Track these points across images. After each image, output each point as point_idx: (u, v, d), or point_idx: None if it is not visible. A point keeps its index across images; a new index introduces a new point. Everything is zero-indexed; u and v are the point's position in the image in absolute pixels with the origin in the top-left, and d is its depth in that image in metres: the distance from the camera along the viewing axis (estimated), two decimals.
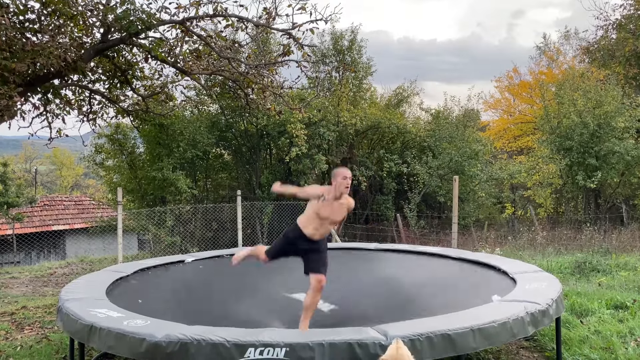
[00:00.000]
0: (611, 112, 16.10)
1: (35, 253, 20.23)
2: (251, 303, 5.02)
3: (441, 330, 3.51)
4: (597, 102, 16.51)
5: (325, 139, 16.19)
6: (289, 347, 3.28)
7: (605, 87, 17.35)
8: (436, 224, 18.03)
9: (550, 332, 5.18)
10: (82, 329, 3.88)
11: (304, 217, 4.62)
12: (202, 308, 4.86)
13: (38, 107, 8.68)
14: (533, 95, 24.00)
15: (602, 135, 16.12)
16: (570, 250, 11.81)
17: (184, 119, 15.88)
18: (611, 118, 16.05)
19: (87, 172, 37.30)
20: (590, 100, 16.61)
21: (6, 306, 8.09)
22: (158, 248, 14.42)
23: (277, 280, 5.78)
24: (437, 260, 6.62)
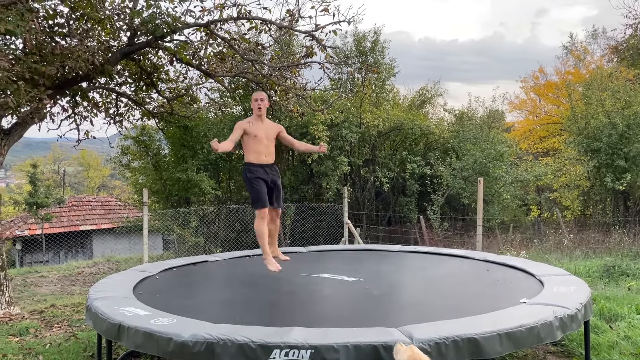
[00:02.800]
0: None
1: (64, 252, 20.66)
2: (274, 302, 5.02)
3: (467, 334, 3.46)
4: (626, 102, 16.16)
5: (347, 140, 16.18)
6: (314, 349, 3.28)
7: (635, 86, 16.98)
8: (460, 226, 17.85)
9: (579, 337, 5.08)
10: (111, 328, 3.94)
11: (249, 154, 5.27)
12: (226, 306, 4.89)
13: (67, 109, 8.87)
14: (559, 95, 23.60)
15: (632, 136, 15.76)
16: (598, 254, 11.57)
17: (208, 120, 16.06)
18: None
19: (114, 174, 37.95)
20: (619, 101, 16.26)
21: (35, 304, 8.28)
22: (182, 248, 14.60)
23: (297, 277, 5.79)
24: (462, 262, 6.55)
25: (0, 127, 7.52)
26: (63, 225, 21.05)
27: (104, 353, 4.44)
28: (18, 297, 9.22)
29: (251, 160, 5.24)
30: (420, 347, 3.35)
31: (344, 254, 7.65)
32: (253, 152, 5.22)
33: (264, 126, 5.30)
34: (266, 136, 5.24)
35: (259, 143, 5.18)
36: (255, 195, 5.16)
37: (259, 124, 5.26)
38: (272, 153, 5.34)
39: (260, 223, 5.14)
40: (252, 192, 5.18)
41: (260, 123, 5.28)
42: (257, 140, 5.17)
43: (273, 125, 5.44)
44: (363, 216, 17.72)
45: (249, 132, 5.17)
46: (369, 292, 5.08)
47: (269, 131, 5.31)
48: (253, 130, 5.17)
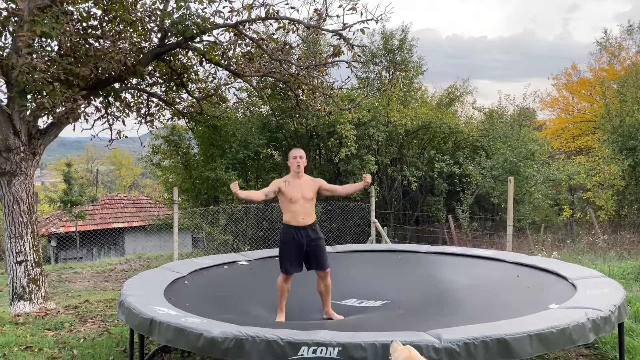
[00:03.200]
0: None
1: (97, 249, 21.17)
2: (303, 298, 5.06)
3: (497, 334, 3.43)
4: None
5: (374, 139, 16.11)
6: (341, 347, 3.30)
7: None
8: (489, 226, 17.60)
9: (612, 340, 4.96)
10: (143, 322, 4.03)
11: (285, 214, 5.02)
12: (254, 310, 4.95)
13: (100, 109, 9.07)
14: (593, 92, 23.03)
15: None
16: (633, 255, 11.25)
17: (236, 120, 16.21)
18: None
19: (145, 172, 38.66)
20: None
21: (70, 300, 8.51)
22: (211, 246, 14.78)
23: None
24: (492, 263, 6.46)
25: (36, 127, 7.75)
26: (96, 223, 21.57)
27: (136, 348, 4.55)
28: (53, 292, 9.49)
29: (287, 220, 4.99)
30: (448, 347, 3.33)
31: (371, 255, 7.60)
32: (288, 211, 4.97)
33: (301, 185, 5.01)
34: (302, 196, 4.96)
35: (294, 204, 4.94)
36: (281, 259, 5.00)
37: (296, 183, 5.00)
38: (311, 213, 5.03)
39: (281, 281, 4.95)
40: (280, 254, 5.02)
41: (297, 181, 5.02)
42: (292, 202, 4.94)
43: (311, 182, 5.11)
44: (390, 215, 17.64)
45: (284, 192, 4.96)
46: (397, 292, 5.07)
47: (306, 190, 5.00)
48: (289, 191, 4.94)
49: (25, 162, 7.48)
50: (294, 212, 4.93)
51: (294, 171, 5.04)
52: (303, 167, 5.08)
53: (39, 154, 7.88)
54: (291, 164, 5.06)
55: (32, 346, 5.65)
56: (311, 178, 5.15)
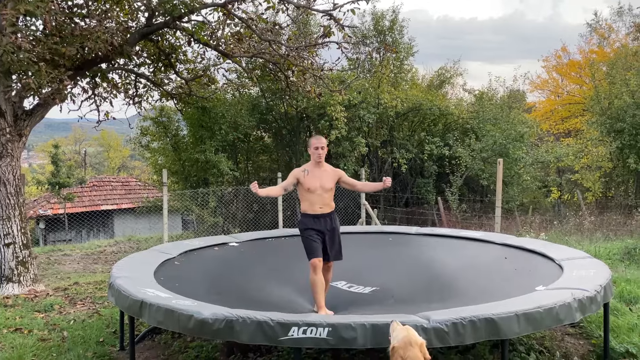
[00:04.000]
0: None
1: (86, 231, 21.08)
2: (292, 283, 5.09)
3: (484, 314, 3.47)
4: None
5: (365, 121, 16.08)
6: (331, 327, 3.32)
7: None
8: (478, 208, 17.74)
9: (597, 319, 5.06)
10: (133, 304, 4.03)
11: (303, 203, 4.92)
12: (245, 292, 4.96)
13: (87, 90, 8.97)
14: (582, 75, 23.11)
15: None
16: (619, 236, 11.42)
17: (226, 102, 16.07)
18: None
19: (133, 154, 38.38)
20: None
21: (59, 282, 8.49)
22: (201, 228, 14.77)
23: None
24: (480, 245, 6.52)
25: (22, 108, 7.64)
26: (85, 205, 21.43)
27: (127, 329, 4.56)
28: (42, 274, 9.45)
29: (305, 210, 4.89)
30: (437, 327, 3.37)
31: (361, 237, 7.63)
32: (307, 201, 4.87)
33: (321, 175, 4.86)
34: (321, 186, 4.82)
35: (312, 194, 4.82)
36: (306, 246, 4.82)
37: (315, 173, 4.85)
38: (329, 203, 4.91)
39: (313, 274, 4.70)
40: (304, 243, 4.85)
41: (317, 171, 4.86)
42: (310, 192, 4.81)
43: (332, 173, 4.95)
44: (380, 197, 17.69)
45: (302, 182, 4.83)
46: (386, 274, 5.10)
47: (325, 181, 4.85)
48: (307, 181, 4.81)
49: (12, 144, 7.38)
50: (311, 202, 4.83)
51: (315, 161, 4.87)
52: (324, 156, 4.91)
53: (25, 135, 7.78)
54: (312, 154, 4.88)
55: (21, 328, 5.65)
56: (332, 168, 5.00)
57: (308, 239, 4.79)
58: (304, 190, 4.85)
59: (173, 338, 5.26)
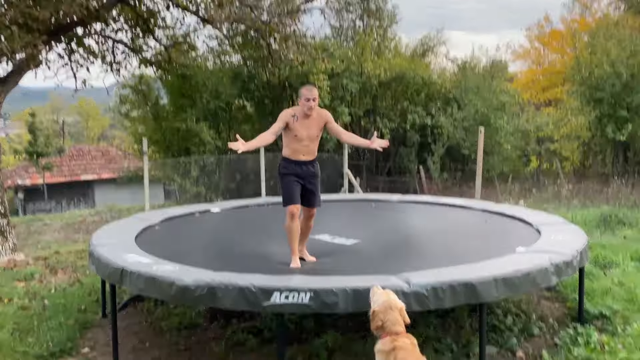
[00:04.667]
0: None
1: (66, 201, 20.83)
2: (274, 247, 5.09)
3: (463, 279, 3.53)
4: (631, 51, 15.84)
5: (348, 90, 15.97)
6: (313, 292, 3.35)
7: None
8: (459, 177, 17.89)
9: (573, 283, 5.19)
10: (114, 273, 4.02)
11: (286, 149, 4.73)
12: (227, 255, 4.97)
13: (62, 56, 8.75)
14: (564, 44, 23.14)
15: (635, 86, 15.55)
16: (596, 204, 11.65)
17: (207, 70, 15.79)
18: None
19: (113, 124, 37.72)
20: (625, 50, 15.94)
21: (40, 251, 8.42)
22: (183, 198, 14.70)
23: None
24: (460, 211, 6.60)
25: None
26: (64, 175, 21.14)
27: (109, 297, 4.55)
28: (22, 244, 9.36)
29: (287, 155, 4.73)
30: (417, 291, 3.43)
31: (344, 204, 7.69)
32: (290, 148, 4.70)
33: (309, 124, 4.65)
34: (308, 136, 4.65)
35: (298, 142, 4.64)
36: (284, 191, 4.70)
37: (304, 122, 4.64)
38: (313, 152, 4.75)
39: (290, 220, 4.62)
40: (282, 188, 4.72)
41: (306, 120, 4.64)
42: (297, 140, 4.64)
43: (319, 119, 4.72)
44: (363, 167, 17.73)
45: (290, 127, 4.62)
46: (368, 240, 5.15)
47: (313, 129, 4.67)
48: (295, 127, 4.61)
49: None
50: (295, 150, 4.67)
51: (305, 112, 4.64)
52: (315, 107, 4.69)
53: (0, 103, 7.58)
54: (303, 105, 4.63)
55: (1, 297, 5.61)
56: (318, 113, 4.74)
57: (287, 184, 4.68)
58: (290, 135, 4.66)
59: (156, 305, 5.28)
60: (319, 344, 4.13)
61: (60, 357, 4.21)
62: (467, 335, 4.21)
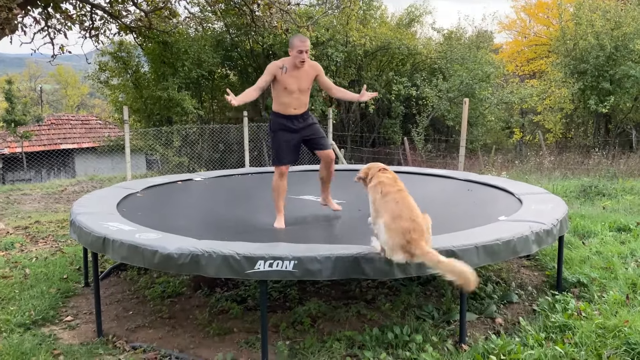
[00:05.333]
0: (630, 34, 15.55)
1: (46, 171, 20.52)
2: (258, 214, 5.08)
3: (445, 247, 3.56)
4: (616, 23, 15.91)
5: (333, 60, 15.81)
6: (297, 260, 3.36)
7: (626, 7, 16.63)
8: (443, 148, 18.00)
9: (552, 252, 5.29)
10: (96, 241, 3.97)
11: (276, 103, 4.58)
12: (211, 221, 4.94)
13: (39, 21, 8.47)
14: (550, 15, 23.10)
15: (619, 58, 15.67)
16: (577, 175, 11.83)
17: (188, 36, 15.49)
18: (629, 40, 15.53)
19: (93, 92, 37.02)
20: (609, 21, 15.99)
21: (20, 221, 8.31)
22: (166, 168, 14.57)
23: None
24: (443, 181, 6.64)
25: None
26: (43, 144, 20.76)
27: (91, 266, 4.52)
28: (1, 214, 9.23)
29: (277, 110, 4.56)
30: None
31: None
32: (280, 103, 4.52)
33: (299, 75, 4.49)
34: (299, 88, 4.50)
35: (288, 95, 4.48)
36: (274, 150, 4.58)
37: (294, 73, 4.47)
38: (305, 104, 4.60)
39: (277, 179, 4.56)
40: (273, 146, 4.59)
41: (296, 71, 4.48)
42: (287, 92, 4.47)
43: (310, 71, 4.58)
44: (347, 138, 17.72)
45: (279, 80, 4.44)
46: (351, 210, 5.15)
47: (303, 81, 4.52)
48: (284, 79, 4.44)
49: None
50: (286, 104, 4.51)
51: (295, 64, 4.46)
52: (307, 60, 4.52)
53: None
54: (294, 57, 4.44)
55: None
56: (310, 64, 4.58)
57: (278, 142, 4.56)
58: (280, 88, 4.49)
59: (139, 274, 5.27)
60: (302, 312, 4.17)
61: (43, 326, 4.19)
62: (448, 303, 4.27)
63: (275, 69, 4.47)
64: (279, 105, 4.56)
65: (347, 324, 4.00)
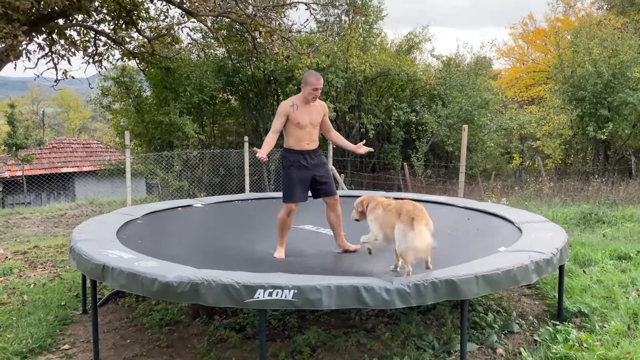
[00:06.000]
0: (627, 62, 15.73)
1: (46, 194, 20.51)
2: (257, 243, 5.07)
3: (445, 276, 3.56)
4: (613, 51, 16.11)
5: (333, 85, 15.96)
6: (297, 289, 3.34)
7: (623, 35, 16.87)
8: (443, 174, 18.04)
9: (553, 280, 5.26)
10: (95, 268, 3.96)
11: (290, 139, 4.67)
12: (211, 250, 4.93)
13: (43, 47, 8.58)
14: (548, 43, 23.40)
15: (616, 85, 15.81)
16: (576, 202, 11.82)
17: (190, 62, 15.67)
18: (626, 68, 15.70)
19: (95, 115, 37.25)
20: (606, 49, 16.20)
21: (19, 245, 8.28)
22: (166, 192, 14.58)
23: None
24: (443, 208, 6.64)
25: None
26: (44, 167, 20.79)
27: (89, 293, 4.49)
28: (0, 238, 9.20)
29: (290, 146, 4.65)
30: (400, 288, 3.44)
31: None
32: (293, 137, 4.62)
33: (310, 110, 4.62)
34: (310, 122, 4.62)
35: (301, 129, 4.58)
36: (286, 187, 4.63)
37: (305, 108, 4.60)
38: (316, 140, 4.72)
39: (285, 216, 4.63)
40: (285, 182, 4.64)
41: (307, 106, 4.61)
42: (300, 127, 4.57)
43: (320, 108, 4.72)
44: (347, 162, 17.77)
45: (291, 117, 4.56)
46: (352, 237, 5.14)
47: (314, 116, 4.64)
48: (297, 116, 4.55)
49: None
50: (299, 138, 4.60)
51: (308, 100, 4.60)
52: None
53: None
54: (308, 93, 4.57)
55: None
56: (320, 102, 4.76)
57: (291, 179, 4.62)
58: (292, 125, 4.60)
59: (137, 301, 5.24)
60: (301, 341, 4.13)
61: (39, 354, 4.15)
62: (448, 332, 4.24)
63: (287, 109, 4.59)
64: (292, 140, 4.65)
65: (346, 354, 3.96)
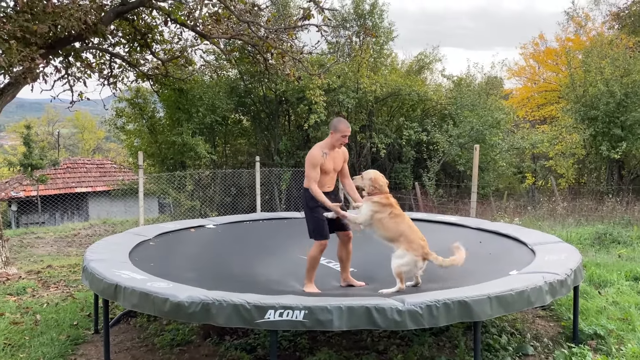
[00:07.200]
0: (639, 81, 15.64)
1: (59, 214, 20.72)
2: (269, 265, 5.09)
3: (458, 297, 3.52)
4: (625, 70, 16.04)
5: (344, 105, 16.05)
6: (307, 310, 3.34)
7: (635, 54, 16.82)
8: (455, 193, 17.93)
9: (567, 302, 5.19)
10: (108, 288, 3.99)
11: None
12: (222, 272, 4.95)
13: (59, 70, 8.73)
14: (559, 62, 23.39)
15: (629, 104, 15.71)
16: (590, 222, 11.69)
17: (203, 83, 15.87)
18: (639, 87, 15.61)
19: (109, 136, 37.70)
20: (618, 69, 16.14)
21: (32, 265, 8.35)
22: (178, 212, 14.65)
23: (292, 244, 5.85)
24: (456, 229, 6.60)
25: None
26: (58, 187, 21.03)
27: (101, 312, 4.51)
28: (15, 257, 9.29)
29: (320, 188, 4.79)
30: (412, 309, 3.41)
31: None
32: (321, 182, 4.79)
33: (335, 156, 4.83)
34: (334, 168, 4.84)
35: (325, 175, 4.78)
36: (314, 224, 4.74)
37: (331, 155, 4.79)
38: (334, 181, 4.95)
39: (318, 253, 4.71)
40: (312, 221, 4.75)
41: (332, 152, 4.81)
42: (324, 173, 4.77)
43: (342, 155, 4.93)
44: None
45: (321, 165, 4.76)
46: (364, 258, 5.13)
47: (337, 162, 4.87)
48: (326, 164, 4.76)
49: None
50: (322, 183, 4.77)
51: (335, 147, 4.80)
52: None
53: None
54: (336, 139, 4.75)
55: None
56: (343, 148, 4.93)
57: (318, 218, 4.71)
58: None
59: (149, 321, 5.24)
60: None
61: None
62: (461, 354, 4.18)
63: (319, 159, 4.73)
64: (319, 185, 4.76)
65: None
